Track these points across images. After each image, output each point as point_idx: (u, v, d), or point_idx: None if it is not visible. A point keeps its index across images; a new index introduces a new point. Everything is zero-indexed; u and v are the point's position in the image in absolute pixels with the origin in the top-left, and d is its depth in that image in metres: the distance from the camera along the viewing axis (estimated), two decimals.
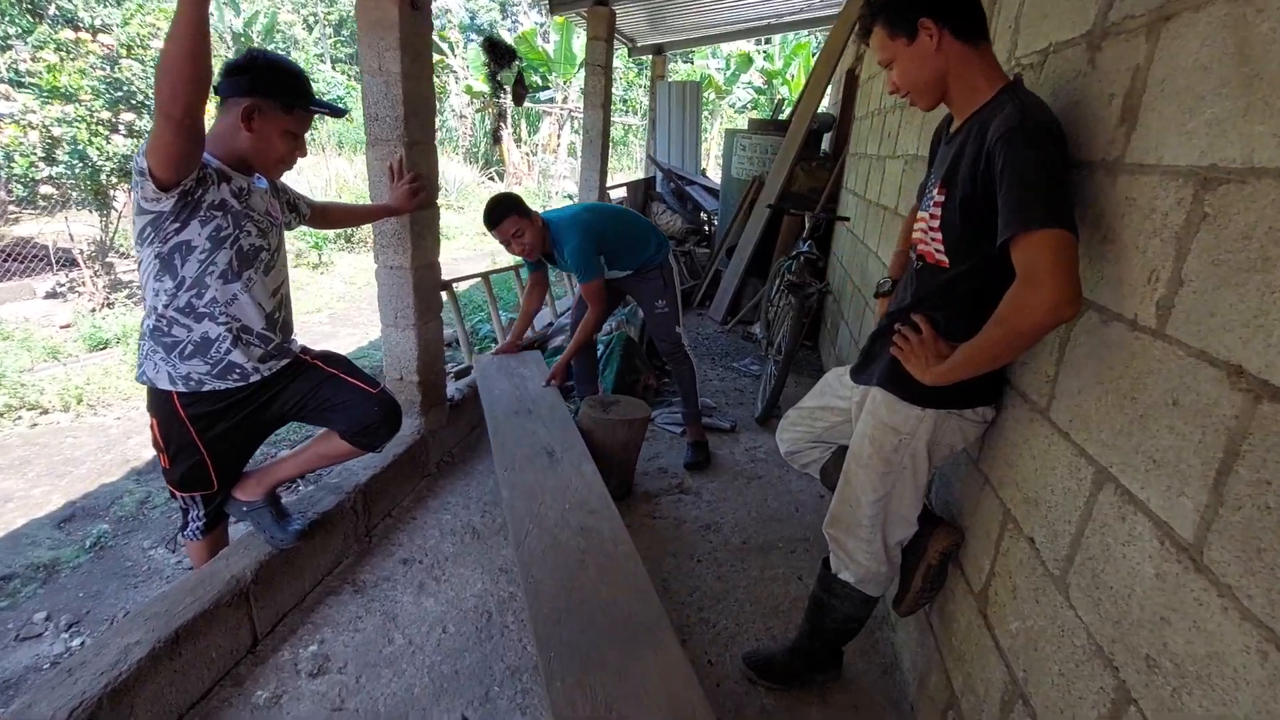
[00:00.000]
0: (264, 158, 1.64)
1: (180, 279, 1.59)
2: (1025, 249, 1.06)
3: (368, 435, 1.87)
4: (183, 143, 1.37)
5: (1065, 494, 1.18)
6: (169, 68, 1.27)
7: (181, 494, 1.82)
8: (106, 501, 3.11)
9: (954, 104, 1.32)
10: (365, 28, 2.21)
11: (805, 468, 1.92)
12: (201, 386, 1.67)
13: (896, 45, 1.28)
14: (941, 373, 1.27)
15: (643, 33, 7.11)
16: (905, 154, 2.80)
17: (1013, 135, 1.10)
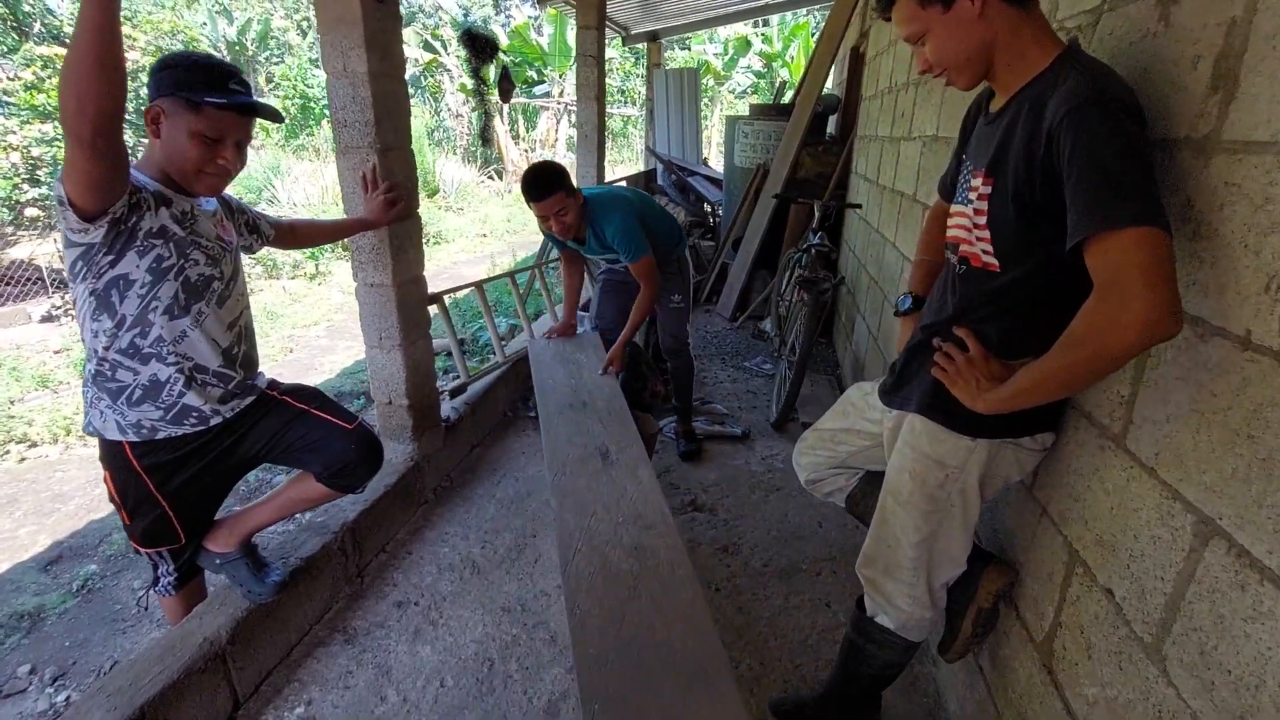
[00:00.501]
0: (179, 167, 1.41)
1: (120, 317, 1.41)
2: (1108, 253, 0.86)
3: (345, 476, 1.70)
4: (97, 167, 1.18)
5: (1155, 544, 0.98)
6: (70, 79, 1.08)
7: (146, 550, 1.66)
8: (95, 540, 2.97)
9: (998, 78, 1.10)
10: (326, 26, 2.02)
11: (829, 496, 1.72)
12: (155, 434, 1.50)
13: (929, 15, 1.06)
14: (999, 400, 1.07)
15: (636, 20, 6.87)
16: (922, 135, 2.58)
17: (1083, 112, 0.89)
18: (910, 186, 2.71)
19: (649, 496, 1.66)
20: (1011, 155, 1.02)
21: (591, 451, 1.88)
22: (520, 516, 2.55)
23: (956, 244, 1.19)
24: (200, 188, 1.46)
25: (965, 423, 1.17)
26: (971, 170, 1.16)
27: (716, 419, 3.36)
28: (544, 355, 2.60)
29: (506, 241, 9.96)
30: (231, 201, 1.69)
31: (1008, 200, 1.04)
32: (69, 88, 1.09)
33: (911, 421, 1.26)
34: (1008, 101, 1.08)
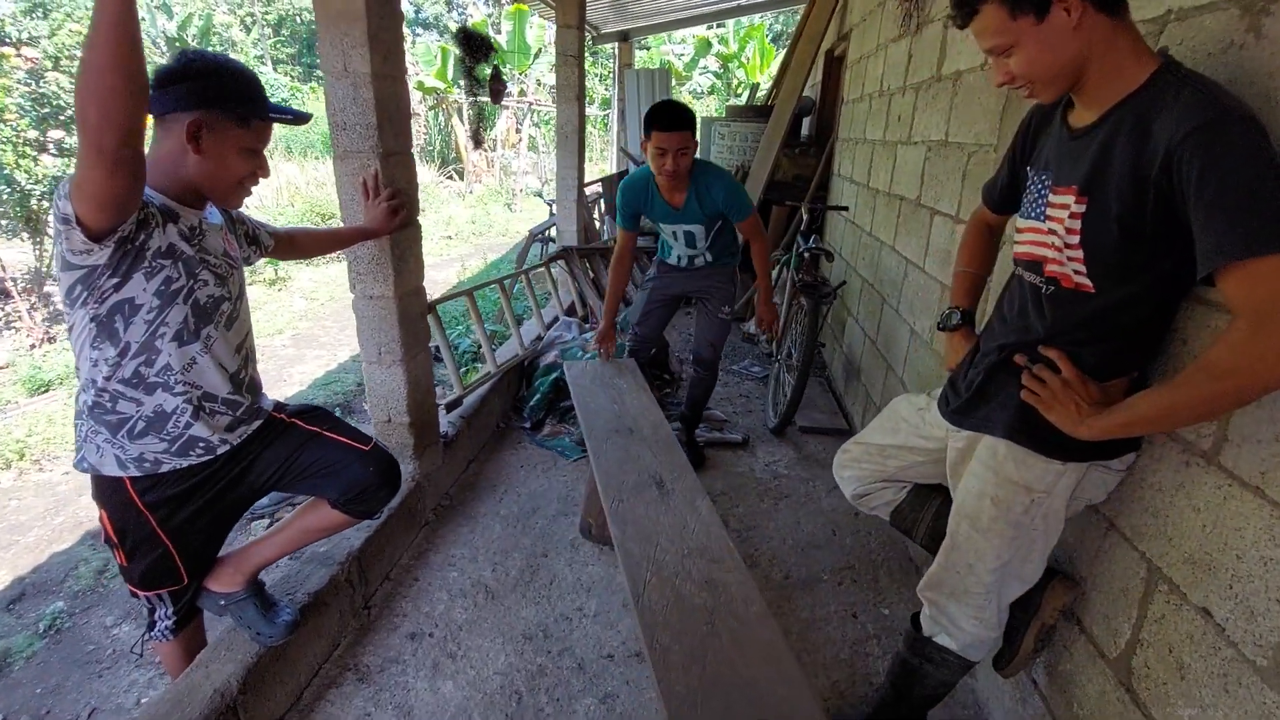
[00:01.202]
0: (220, 183, 1.33)
1: (124, 345, 1.28)
2: (1253, 281, 0.82)
3: (364, 501, 1.60)
4: (120, 181, 1.05)
5: (1265, 565, 0.96)
6: (93, 85, 0.96)
7: (145, 593, 1.51)
8: (60, 574, 2.74)
9: (1087, 92, 1.05)
10: (326, 21, 1.88)
11: (874, 510, 1.68)
12: (159, 468, 1.37)
13: (1020, 26, 0.99)
14: (1110, 427, 1.03)
15: (606, 20, 6.78)
16: (926, 140, 2.58)
17: (1212, 132, 0.85)
18: (913, 191, 2.71)
19: (711, 530, 1.61)
20: (1113, 175, 0.98)
21: (646, 480, 1.81)
22: (528, 535, 2.45)
23: (1038, 262, 1.14)
24: (235, 200, 1.41)
25: (1058, 447, 1.13)
26: (1052, 186, 1.11)
27: (715, 425, 3.31)
28: (583, 379, 2.50)
29: (473, 243, 9.75)
30: (233, 211, 1.55)
31: (1109, 222, 0.99)
32: (91, 95, 0.97)
33: (994, 446, 1.22)
34: (1101, 117, 1.03)
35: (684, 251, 2.67)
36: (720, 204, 2.44)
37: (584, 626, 2.01)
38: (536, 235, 5.81)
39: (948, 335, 1.51)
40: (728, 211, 2.47)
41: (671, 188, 2.43)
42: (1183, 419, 0.99)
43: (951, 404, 1.34)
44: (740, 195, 2.46)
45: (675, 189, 2.44)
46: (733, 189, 2.45)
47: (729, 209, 2.46)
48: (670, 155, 2.29)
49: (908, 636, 1.49)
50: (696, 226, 2.53)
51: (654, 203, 2.51)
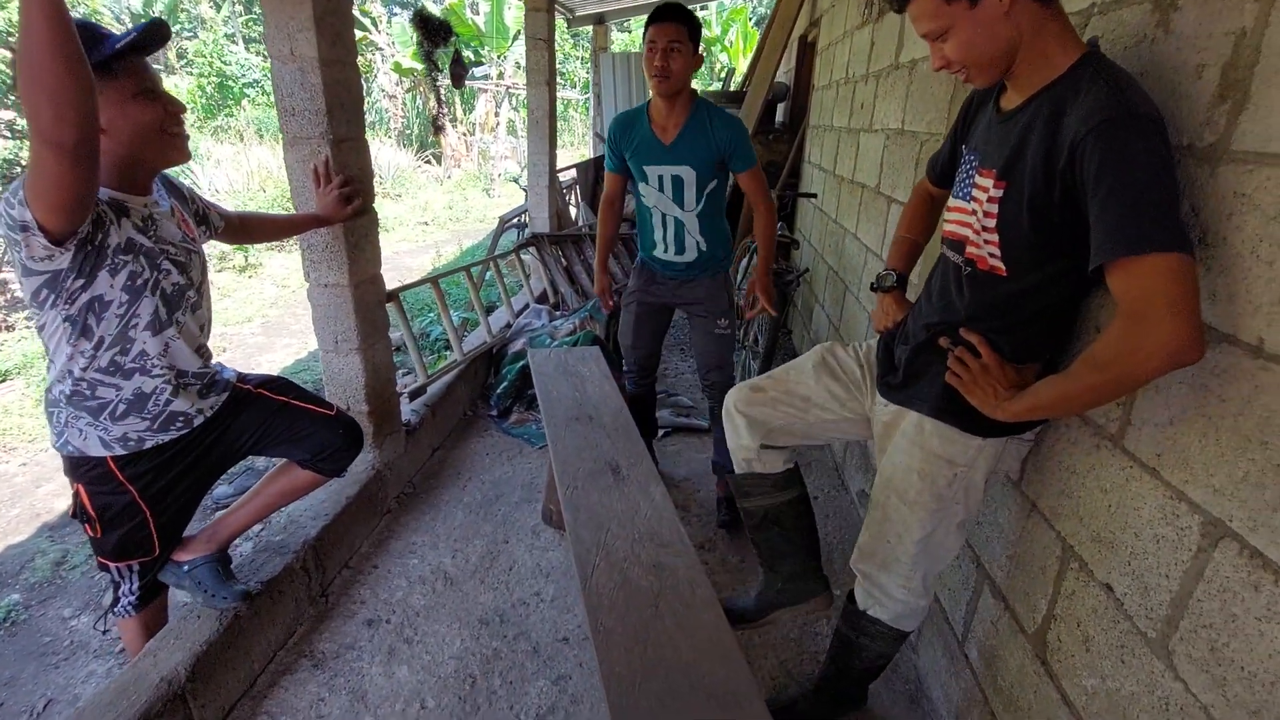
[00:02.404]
0: (145, 143, 1.27)
1: (99, 338, 1.31)
2: (1134, 277, 0.85)
3: (333, 460, 1.74)
4: (80, 177, 1.04)
5: (1158, 542, 1.00)
6: (38, 79, 0.92)
7: (116, 564, 1.54)
8: (16, 566, 2.72)
9: (1016, 76, 1.07)
10: (271, 4, 1.86)
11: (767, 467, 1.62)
12: (143, 444, 1.43)
13: (954, 10, 1.00)
14: (1020, 411, 1.07)
15: (584, 2, 6.71)
16: (885, 128, 2.60)
17: (1112, 128, 0.87)
18: (873, 179, 2.74)
19: (663, 515, 1.63)
20: (1028, 162, 1.01)
21: (601, 466, 1.84)
22: (490, 522, 2.47)
23: (960, 242, 1.18)
24: (178, 153, 1.36)
25: (980, 425, 1.17)
26: (978, 167, 1.14)
27: (681, 411, 3.34)
28: (545, 367, 2.51)
29: (450, 230, 9.67)
30: (183, 189, 1.56)
31: (1022, 208, 1.02)
32: (39, 90, 0.94)
33: (920, 422, 1.26)
34: (1024, 102, 1.05)
35: (669, 211, 2.19)
36: (723, 143, 2.07)
37: (540, 611, 2.04)
38: (508, 222, 5.78)
39: (880, 296, 1.54)
40: (730, 155, 2.09)
41: (665, 114, 2.08)
42: (1076, 406, 1.04)
43: (882, 374, 1.38)
44: (745, 138, 2.10)
45: (669, 118, 2.08)
46: (739, 129, 2.09)
47: (732, 152, 2.08)
48: (660, 51, 1.97)
49: (844, 610, 1.54)
50: (686, 170, 2.10)
51: (640, 137, 2.13)
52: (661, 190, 2.17)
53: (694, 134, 2.08)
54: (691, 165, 2.09)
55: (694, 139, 2.08)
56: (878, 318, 1.52)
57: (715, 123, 2.08)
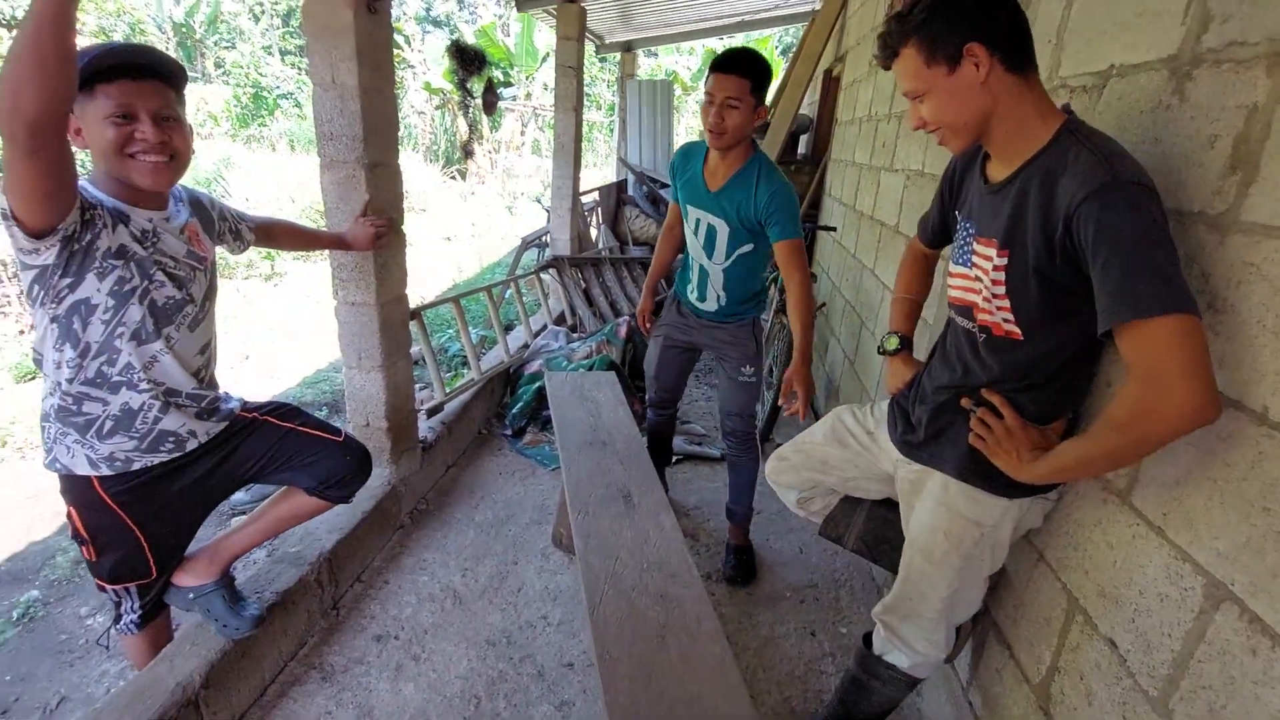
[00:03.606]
0: (112, 165, 1.29)
1: (84, 345, 1.31)
2: (1142, 341, 0.87)
3: (341, 487, 1.70)
4: (37, 173, 1.06)
5: (1162, 601, 1.01)
6: (11, 73, 0.96)
7: (112, 586, 1.55)
8: (37, 563, 2.79)
9: (996, 144, 1.11)
10: (314, 34, 1.94)
11: (813, 515, 1.75)
12: (130, 465, 1.41)
13: (933, 74, 1.05)
14: (1043, 474, 1.08)
15: (612, 29, 6.86)
16: (906, 169, 2.64)
17: (1104, 197, 0.90)
18: (892, 217, 2.77)
19: (671, 544, 1.66)
20: (1028, 231, 1.03)
21: (613, 493, 1.87)
22: (500, 542, 2.50)
23: (968, 308, 1.20)
24: (140, 177, 1.30)
25: (1004, 485, 1.19)
26: (976, 235, 1.17)
27: (694, 439, 3.36)
28: (561, 391, 2.55)
29: (471, 246, 9.80)
30: (211, 208, 1.57)
31: (1028, 274, 1.05)
32: (8, 82, 0.97)
33: (946, 484, 1.27)
34: (1013, 174, 1.08)
35: (698, 258, 2.13)
36: (760, 206, 1.92)
37: (547, 635, 2.06)
38: (530, 242, 5.87)
39: (888, 359, 1.57)
40: (766, 220, 1.94)
41: (717, 160, 1.98)
42: (1098, 467, 1.05)
43: (902, 433, 1.40)
44: (790, 208, 1.93)
45: (720, 165, 1.98)
46: (784, 198, 1.92)
47: (769, 218, 1.93)
48: (716, 105, 1.83)
49: (859, 654, 1.54)
50: (721, 224, 2.01)
51: (693, 174, 2.05)
52: (696, 235, 2.10)
53: (737, 188, 1.96)
54: (727, 220, 1.99)
55: (736, 193, 1.96)
56: (890, 381, 1.54)
57: (761, 183, 1.92)
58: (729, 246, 2.04)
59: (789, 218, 1.94)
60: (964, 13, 1.02)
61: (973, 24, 1.01)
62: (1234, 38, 0.95)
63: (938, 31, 1.03)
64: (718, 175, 1.99)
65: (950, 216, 1.33)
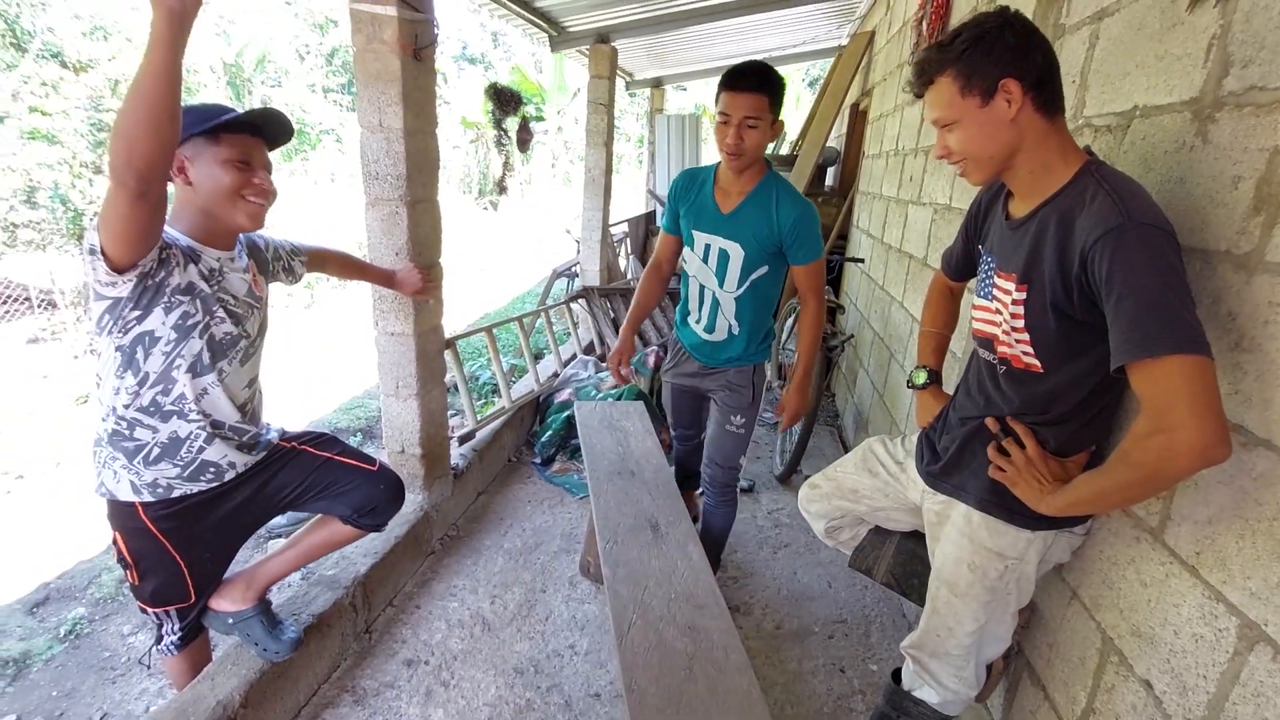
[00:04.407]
0: (217, 202, 1.40)
1: (143, 374, 1.39)
2: (1153, 380, 0.89)
3: (374, 516, 1.74)
4: (141, 215, 1.17)
5: (1197, 642, 1.00)
6: (125, 128, 1.07)
7: (153, 609, 1.61)
8: (84, 581, 2.89)
9: (1018, 182, 1.14)
10: (364, 81, 2.06)
11: (841, 545, 1.75)
12: (171, 492, 1.47)
13: (966, 105, 1.07)
14: (1062, 506, 1.09)
15: (642, 67, 7.04)
16: (933, 202, 2.66)
17: (1118, 237, 0.92)
18: (920, 250, 2.78)
19: (700, 576, 1.67)
20: (1045, 267, 1.05)
21: (641, 523, 1.89)
22: (529, 570, 2.52)
23: (989, 340, 1.22)
24: (243, 219, 1.43)
25: (1026, 518, 1.19)
26: (996, 268, 1.19)
27: None
28: (590, 420, 2.59)
29: (502, 276, 10.00)
30: (264, 249, 1.67)
31: (1046, 309, 1.07)
32: (120, 134, 1.08)
33: (969, 514, 1.28)
34: (1032, 211, 1.11)
35: (708, 285, 1.98)
36: (784, 227, 1.83)
37: (574, 664, 2.07)
38: (560, 273, 5.98)
39: (918, 393, 1.58)
40: (791, 243, 1.85)
41: (730, 181, 1.88)
42: (1114, 502, 1.06)
43: (927, 464, 1.41)
44: (814, 229, 1.85)
45: (733, 186, 1.88)
46: (810, 219, 1.84)
47: (793, 240, 1.84)
48: (734, 125, 1.74)
49: (887, 690, 1.53)
50: (735, 248, 1.89)
51: (701, 198, 1.93)
52: (705, 261, 1.95)
53: (755, 209, 1.85)
54: (742, 243, 1.87)
55: (753, 214, 1.85)
56: (919, 415, 1.55)
57: (782, 202, 1.83)
58: (743, 272, 1.91)
59: (814, 239, 1.87)
60: (1004, 48, 1.04)
61: (1011, 60, 1.04)
62: (1254, 82, 0.98)
63: (976, 63, 1.05)
64: (731, 196, 1.89)
65: (974, 250, 1.36)
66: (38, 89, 6.24)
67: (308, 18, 18.69)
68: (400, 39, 1.98)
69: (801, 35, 6.00)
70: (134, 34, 8.36)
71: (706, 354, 2.09)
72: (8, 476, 3.67)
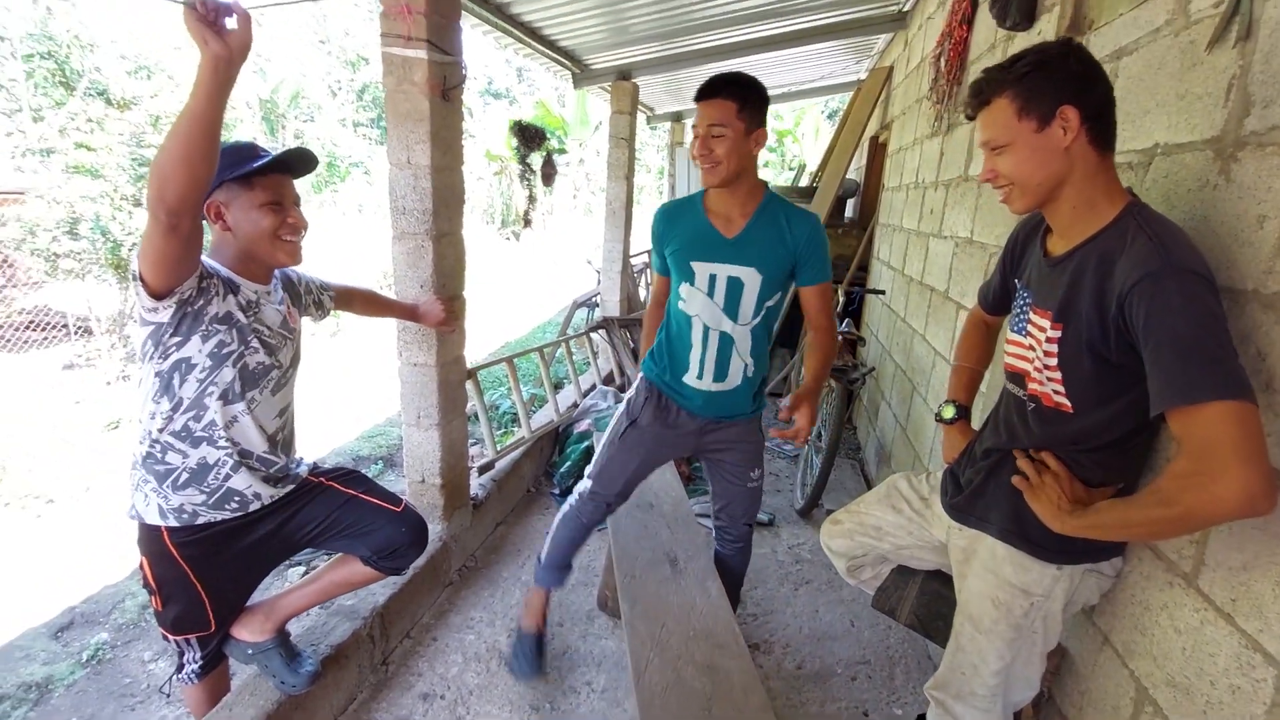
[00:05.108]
0: (257, 243, 1.46)
1: (178, 400, 1.43)
2: (1195, 425, 0.87)
3: (395, 559, 1.72)
4: (173, 246, 1.23)
5: (1234, 694, 0.97)
6: (160, 165, 1.14)
7: (175, 637, 1.62)
8: (108, 606, 2.92)
9: (1059, 217, 1.13)
10: (395, 120, 2.12)
11: (864, 584, 1.71)
12: (195, 519, 1.49)
13: (1021, 129, 1.06)
14: (1080, 527, 1.07)
15: (662, 101, 7.18)
16: (955, 235, 2.66)
17: (1156, 281, 0.91)
18: (942, 283, 2.77)
19: (719, 613, 1.66)
20: (1082, 307, 1.04)
21: (660, 556, 1.88)
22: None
23: (1021, 376, 1.21)
24: (283, 257, 1.50)
25: (1050, 550, 1.17)
26: (1032, 304, 1.18)
27: None
28: None
29: (523, 305, 10.11)
30: (297, 283, 1.72)
31: (1081, 349, 1.05)
32: (157, 170, 1.15)
33: (992, 547, 1.26)
34: (1072, 250, 1.10)
35: (716, 324, 1.73)
36: (799, 245, 1.69)
37: (590, 702, 2.04)
38: (581, 303, 6.04)
39: (946, 428, 1.56)
40: (804, 261, 1.70)
41: (726, 203, 1.70)
42: (1137, 533, 1.03)
43: (951, 497, 1.39)
44: (826, 247, 1.73)
45: (733, 208, 1.70)
46: (822, 236, 1.72)
47: (807, 258, 1.70)
48: (700, 136, 1.61)
49: None
50: (750, 273, 1.68)
51: (693, 227, 1.73)
52: (711, 294, 1.71)
53: (766, 229, 1.69)
54: (758, 268, 1.67)
55: (766, 235, 1.69)
56: (946, 450, 1.53)
57: (793, 220, 1.69)
58: (759, 298, 1.71)
59: (825, 257, 1.73)
60: (1068, 75, 1.03)
61: (1073, 88, 1.02)
62: (1276, 122, 0.97)
63: (1037, 86, 1.04)
64: (733, 220, 1.70)
65: (1011, 284, 1.35)
66: (84, 125, 6.50)
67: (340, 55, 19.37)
68: (430, 80, 2.05)
69: (820, 70, 6.08)
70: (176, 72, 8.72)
71: (715, 408, 1.81)
72: (38, 501, 3.74)
